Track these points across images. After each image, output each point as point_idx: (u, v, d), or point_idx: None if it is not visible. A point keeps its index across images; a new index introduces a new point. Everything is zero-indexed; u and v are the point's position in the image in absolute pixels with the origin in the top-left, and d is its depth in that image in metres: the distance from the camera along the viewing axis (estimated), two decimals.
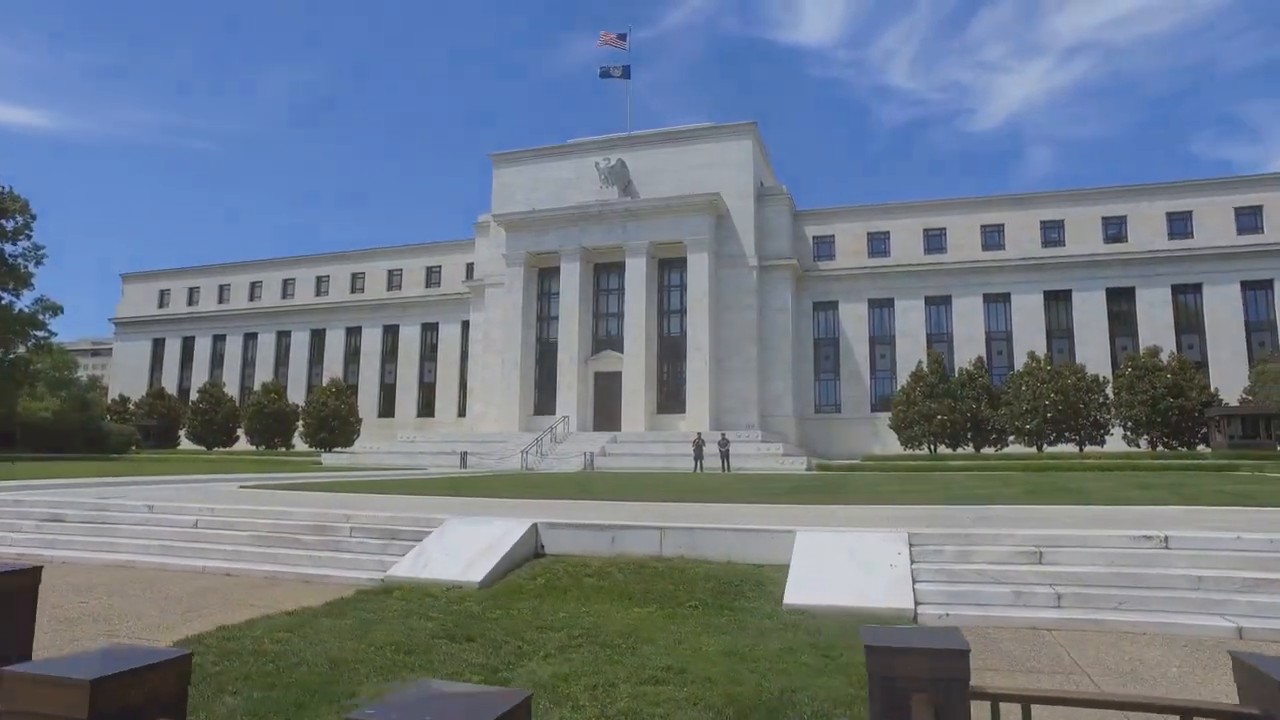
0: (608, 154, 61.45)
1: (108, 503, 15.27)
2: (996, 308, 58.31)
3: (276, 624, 8.19)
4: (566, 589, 10.01)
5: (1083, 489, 19.97)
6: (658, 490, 21.28)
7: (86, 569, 12.12)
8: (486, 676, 6.48)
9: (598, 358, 59.38)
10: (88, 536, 13.77)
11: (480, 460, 48.25)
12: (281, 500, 16.19)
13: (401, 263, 72.86)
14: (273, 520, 13.35)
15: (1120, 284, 55.83)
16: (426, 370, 71.03)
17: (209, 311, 78.38)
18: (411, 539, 12.02)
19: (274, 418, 63.14)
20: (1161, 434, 45.69)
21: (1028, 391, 47.59)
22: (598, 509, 14.62)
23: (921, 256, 59.76)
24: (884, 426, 57.73)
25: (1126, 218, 56.44)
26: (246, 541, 12.63)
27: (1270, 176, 55.79)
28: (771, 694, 6.09)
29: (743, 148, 59.48)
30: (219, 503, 15.10)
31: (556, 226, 59.69)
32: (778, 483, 26.89)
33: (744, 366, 57.12)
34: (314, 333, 74.57)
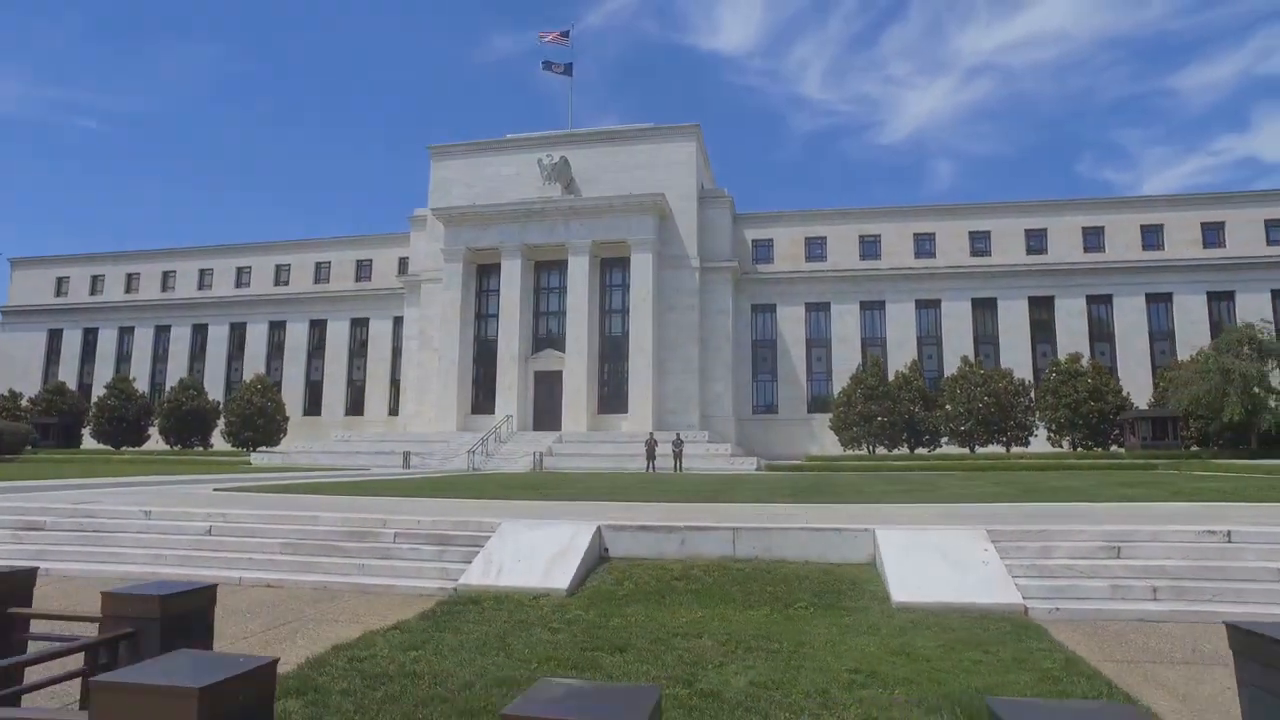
0: (551, 151, 60.78)
1: (91, 508, 14.05)
2: (928, 313, 60.58)
3: (395, 641, 7.64)
4: (660, 593, 9.77)
5: (1074, 488, 20.83)
6: (639, 492, 21.02)
7: (102, 582, 11.08)
8: (684, 688, 6.21)
9: (538, 357, 58.66)
10: (82, 546, 12.63)
11: (423, 461, 46.89)
12: (288, 505, 15.27)
13: (330, 255, 70.14)
14: (300, 526, 12.54)
15: (1041, 293, 58.92)
16: (356, 367, 68.59)
17: (116, 301, 73.47)
18: (467, 544, 11.51)
19: (192, 416, 59.75)
20: (1082, 435, 48.42)
21: (962, 395, 49.63)
22: (631, 510, 14.37)
23: (857, 262, 61.51)
24: (820, 427, 59.24)
25: (1047, 230, 59.62)
26: (278, 550, 11.81)
27: (1168, 197, 60.07)
28: (982, 692, 6.07)
29: (686, 149, 59.87)
30: (221, 507, 14.12)
31: (498, 222, 58.63)
32: (753, 483, 27.09)
33: (685, 367, 57.48)
34: (234, 326, 70.92)
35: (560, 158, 59.90)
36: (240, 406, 58.12)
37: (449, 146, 64.16)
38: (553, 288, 60.18)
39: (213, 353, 70.80)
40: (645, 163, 59.81)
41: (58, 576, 11.32)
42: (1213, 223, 57.42)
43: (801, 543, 11.20)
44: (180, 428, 59.62)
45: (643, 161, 59.92)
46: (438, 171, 63.69)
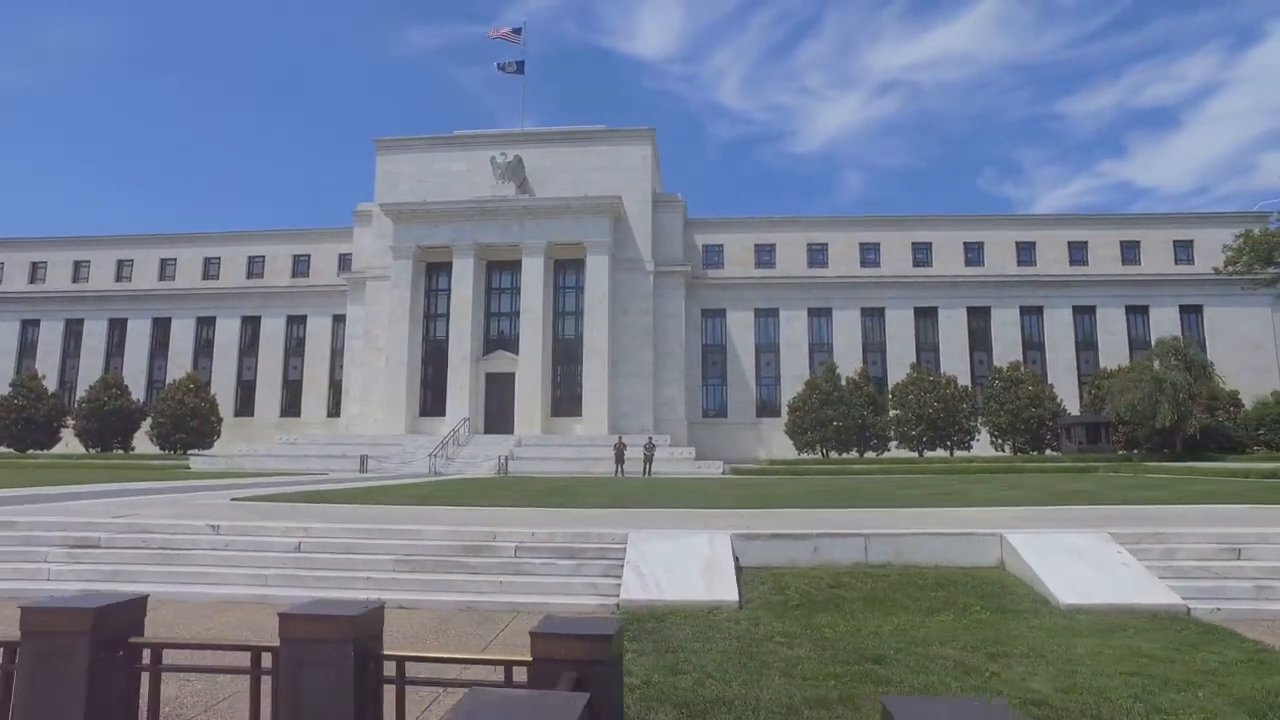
0: (503, 149, 59.83)
1: (143, 522, 12.99)
2: (872, 320, 62.52)
3: (641, 665, 7.37)
4: (831, 602, 9.79)
5: (1087, 491, 21.80)
6: (665, 499, 20.97)
7: (211, 607, 10.31)
8: (1005, 695, 6.27)
9: (490, 358, 57.64)
10: (157, 566, 11.57)
11: (380, 465, 45.39)
12: (360, 517, 14.55)
13: (265, 249, 66.94)
14: (404, 541, 11.90)
15: (979, 303, 61.70)
16: (292, 367, 65.69)
17: (16, 292, 68.03)
18: (597, 556, 11.25)
19: (115, 416, 55.93)
20: (1024, 440, 50.97)
21: (913, 400, 51.47)
22: (703, 518, 14.34)
23: (805, 269, 62.95)
24: (769, 431, 60.35)
25: (983, 244, 62.52)
26: (392, 568, 11.21)
27: (1095, 216, 64.09)
28: (1273, 692, 6.35)
29: (642, 153, 60.02)
30: (300, 521, 13.34)
31: (450, 220, 57.31)
32: (748, 488, 27.33)
33: (639, 371, 57.56)
34: (156, 321, 66.79)
35: (515, 156, 59.06)
36: (171, 407, 54.78)
37: (396, 140, 62.32)
38: (504, 288, 59.26)
39: (132, 349, 66.48)
40: (599, 164, 59.60)
41: (159, 602, 10.42)
42: (1130, 241, 61.45)
43: (933, 548, 11.44)
44: (101, 429, 55.72)
45: (597, 163, 59.70)
46: (384, 165, 61.77)
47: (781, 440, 59.19)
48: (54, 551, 11.90)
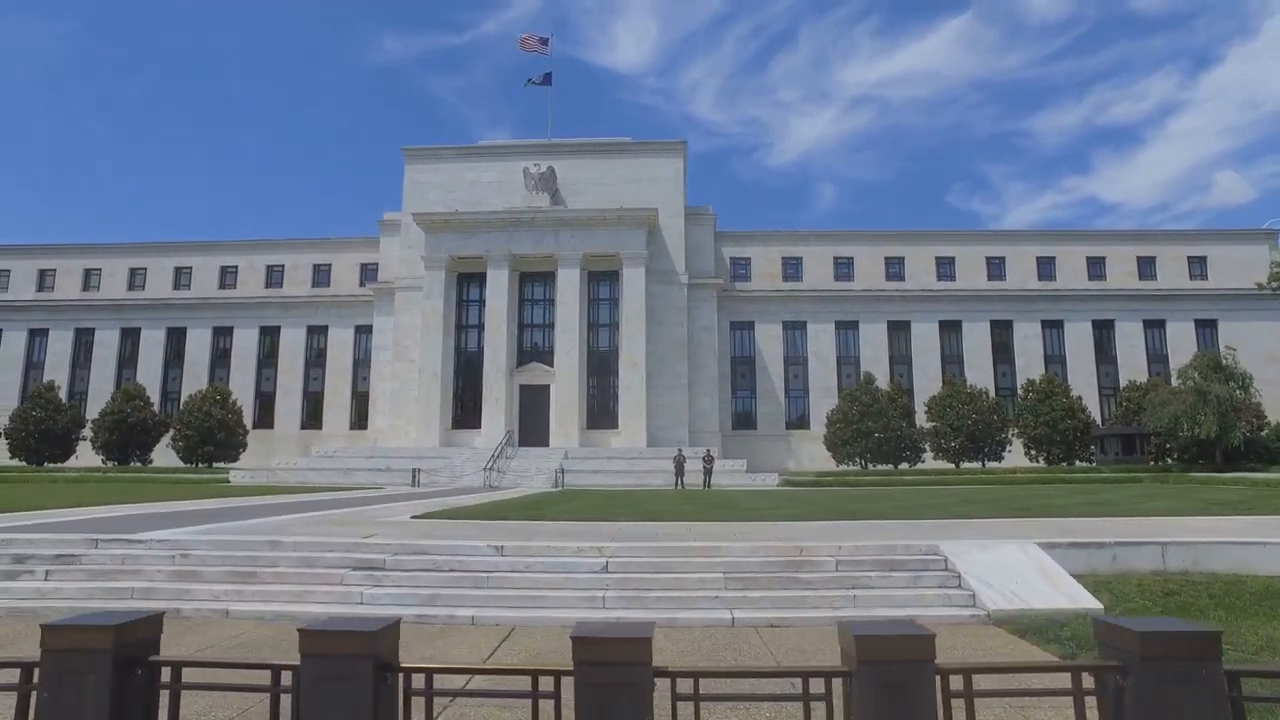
0: (533, 160, 59.71)
1: (421, 543, 12.62)
2: (898, 333, 63.29)
3: None
4: (1181, 608, 9.94)
5: (1227, 501, 22.26)
6: (820, 510, 20.99)
7: (539, 632, 10.10)
8: None
9: (524, 370, 57.26)
10: (484, 590, 11.02)
11: (432, 478, 44.73)
12: (613, 534, 14.40)
13: (283, 258, 65.82)
14: (710, 559, 11.83)
15: (1001, 317, 62.82)
16: (313, 378, 64.54)
17: (25, 300, 65.99)
18: (918, 569, 11.32)
19: (137, 429, 54.42)
20: (1060, 451, 51.89)
21: (951, 412, 52.17)
22: (996, 527, 14.45)
23: (832, 283, 63.60)
24: (798, 443, 60.78)
25: (1005, 258, 63.73)
26: (723, 584, 11.08)
27: (1113, 232, 65.80)
28: None
29: (674, 166, 60.30)
30: (577, 540, 13.18)
31: (484, 230, 56.95)
32: (878, 500, 27.45)
33: (674, 383, 57.59)
34: (171, 331, 65.21)
35: (548, 167, 58.95)
36: (197, 419, 53.45)
37: (425, 150, 61.87)
38: (537, 299, 58.99)
39: (146, 360, 64.77)
40: (631, 177, 59.77)
41: (489, 624, 10.15)
42: (1146, 256, 63.13)
43: (1233, 556, 11.68)
44: (123, 442, 54.17)
45: (628, 175, 59.85)
46: (412, 175, 61.23)
47: (812, 452, 59.67)
48: (350, 574, 11.56)
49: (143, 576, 11.46)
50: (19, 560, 12.01)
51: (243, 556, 11.98)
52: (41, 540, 12.80)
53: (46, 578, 11.54)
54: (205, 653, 8.35)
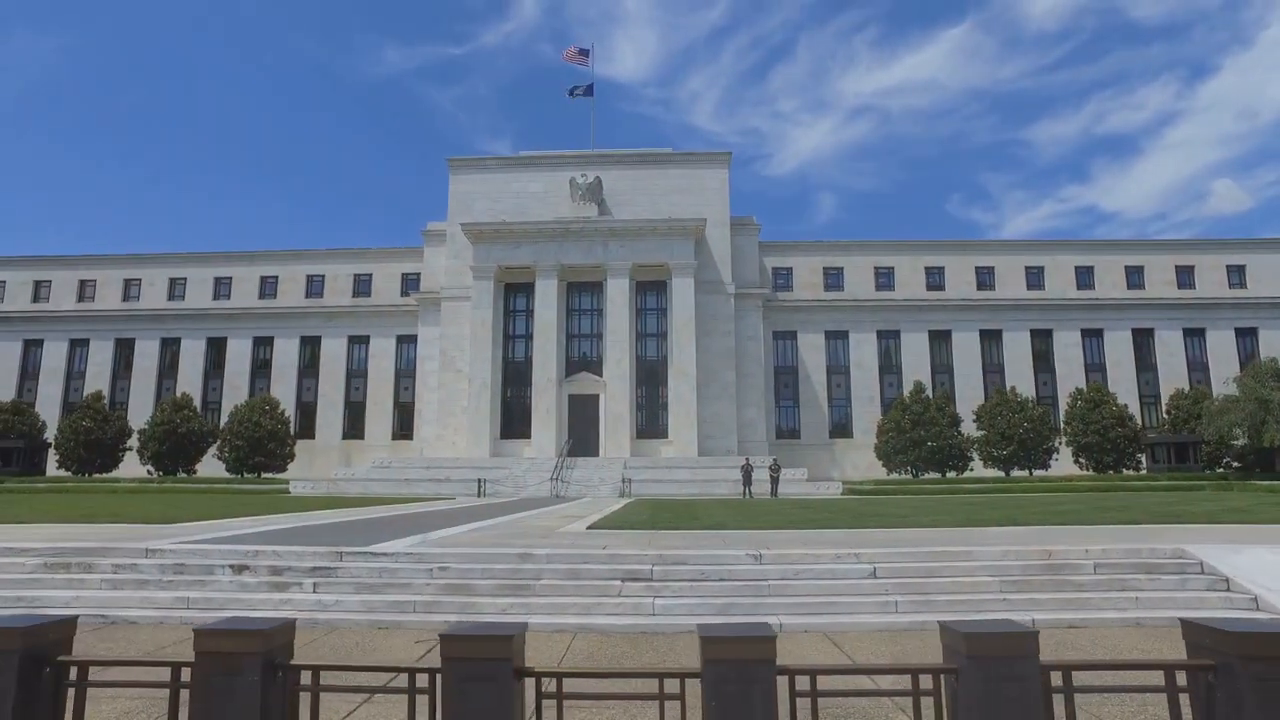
0: (580, 170, 59.93)
1: (680, 553, 12.66)
2: (939, 342, 63.59)
3: None
4: None
5: (1226, 510, 22.55)
6: (945, 517, 21.08)
7: (868, 636, 10.22)
8: None
9: (572, 380, 57.29)
10: (789, 598, 11.24)
11: (495, 488, 44.68)
12: (822, 541, 14.47)
13: (324, 268, 65.78)
14: (966, 563, 11.99)
15: (1041, 326, 63.21)
16: (354, 388, 64.40)
17: (64, 311, 65.72)
18: (1176, 572, 11.48)
19: (187, 439, 54.19)
20: (1112, 459, 52.16)
21: (1002, 421, 52.41)
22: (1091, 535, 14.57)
23: (873, 292, 63.91)
24: (842, 452, 60.98)
25: (1044, 268, 64.18)
26: (998, 588, 11.24)
27: (1150, 241, 66.27)
28: None
29: (719, 176, 60.58)
30: (828, 548, 13.25)
31: (533, 240, 57.07)
32: (982, 507, 27.51)
33: (722, 393, 57.72)
34: (211, 341, 65.02)
35: (595, 177, 59.17)
36: (247, 429, 53.26)
37: (472, 160, 62.03)
38: (584, 309, 59.07)
39: (186, 370, 64.58)
40: (676, 187, 60.04)
41: (797, 630, 10.25)
42: (1185, 265, 63.68)
43: None
44: (172, 452, 53.92)
45: (673, 185, 60.13)
46: (457, 185, 61.33)
47: (855, 460, 59.91)
48: (626, 585, 11.57)
49: (413, 590, 11.49)
50: (276, 572, 12.03)
51: (504, 569, 12.02)
52: (267, 553, 12.77)
53: (314, 589, 11.56)
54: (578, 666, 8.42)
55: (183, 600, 11.26)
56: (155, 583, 11.83)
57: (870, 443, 59.96)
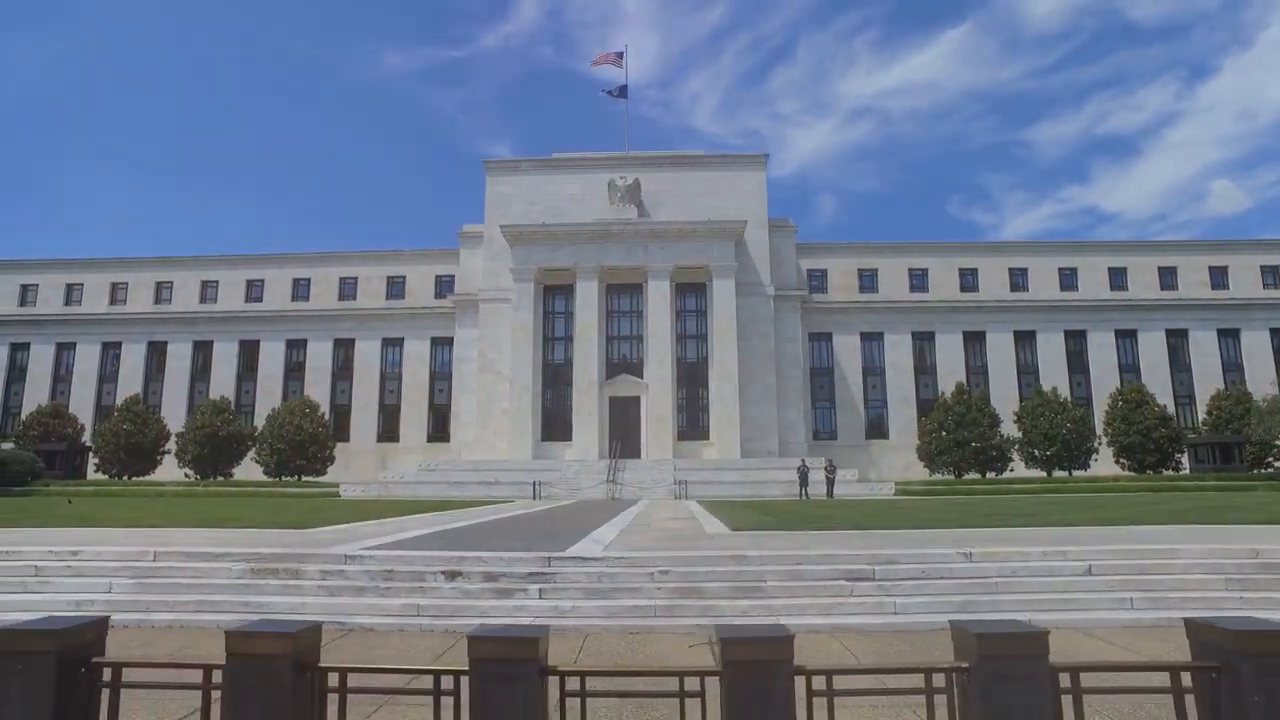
0: (618, 172, 59.92)
1: (886, 553, 12.63)
2: (973, 344, 63.73)
3: None
4: None
5: None
6: (1056, 518, 21.07)
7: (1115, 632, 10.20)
8: None
9: (613, 382, 57.21)
10: (1002, 596, 11.28)
11: (550, 490, 44.56)
12: (996, 539, 14.46)
13: (357, 270, 65.58)
14: (1168, 560, 12.01)
15: (1075, 327, 63.41)
16: (388, 390, 64.19)
17: (98, 314, 65.33)
18: None
19: (227, 441, 53.89)
20: (1154, 460, 52.33)
21: (1044, 421, 52.53)
22: None
23: (907, 294, 64.02)
24: (879, 453, 61.08)
25: (1077, 269, 64.40)
26: (1223, 586, 11.24)
27: (1184, 242, 66.63)
28: None
29: (757, 178, 60.63)
30: (1034, 545, 13.23)
31: (572, 242, 57.01)
32: (1067, 506, 27.51)
33: (763, 395, 57.74)
34: (244, 344, 64.72)
35: (634, 179, 59.17)
36: (289, 432, 52.99)
37: (508, 162, 61.99)
38: (623, 311, 59.01)
39: (219, 372, 64.27)
40: (714, 189, 60.07)
41: (1048, 626, 10.22)
42: (1219, 266, 63.96)
43: None
44: (214, 456, 53.62)
45: (710, 188, 60.16)
46: (494, 187, 61.25)
47: (892, 461, 60.03)
48: (857, 585, 11.57)
49: (643, 594, 11.43)
50: (491, 578, 11.94)
51: (724, 572, 11.97)
52: (471, 559, 12.66)
53: (540, 595, 11.48)
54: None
55: (412, 608, 11.16)
56: (373, 590, 11.73)
57: (906, 444, 60.21)
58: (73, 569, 12.76)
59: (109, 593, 12.08)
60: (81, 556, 13.14)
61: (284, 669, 4.22)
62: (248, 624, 4.57)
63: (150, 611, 11.34)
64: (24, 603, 11.86)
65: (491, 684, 4.04)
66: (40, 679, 4.17)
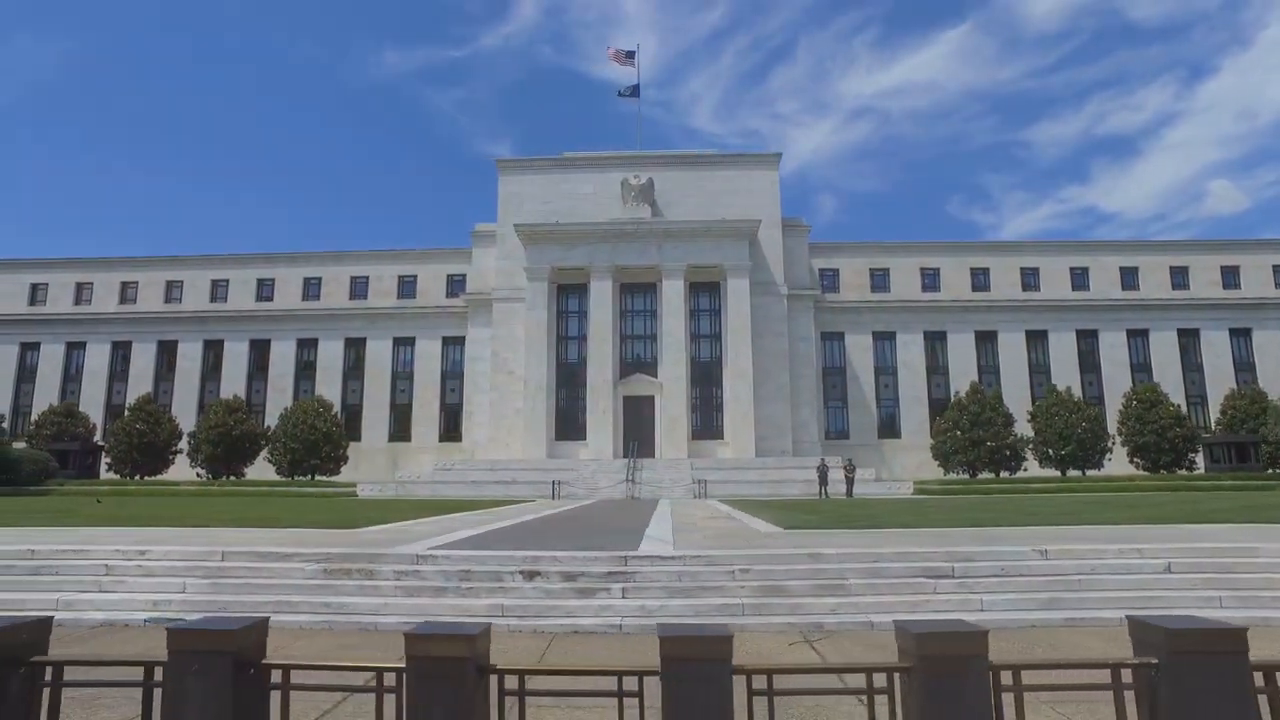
0: (634, 171, 59.85)
1: (966, 550, 12.58)
2: (984, 343, 63.75)
3: None
4: None
5: None
6: (1114, 515, 21.07)
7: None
8: None
9: (627, 382, 57.14)
10: (1088, 593, 11.27)
11: (570, 489, 44.48)
12: (1078, 537, 14.42)
13: (368, 269, 65.43)
14: (1247, 559, 11.99)
15: (1086, 326, 63.47)
16: (399, 390, 64.05)
17: (107, 313, 65.08)
18: None
19: (242, 441, 53.73)
20: (1169, 459, 52.39)
21: (1059, 421, 52.57)
22: None
23: (919, 294, 64.03)
24: (891, 452, 61.08)
25: (1088, 269, 64.46)
26: None
27: (1186, 242, 66.74)
28: None
29: (769, 177, 60.60)
30: (1114, 543, 13.19)
31: (586, 242, 56.92)
32: (1100, 504, 27.51)
33: (777, 394, 57.71)
34: (254, 343, 64.53)
35: (647, 179, 59.10)
36: (303, 431, 52.82)
37: (521, 161, 61.88)
38: (637, 310, 58.95)
39: (229, 372, 64.08)
40: (727, 188, 60.03)
41: None
42: (1230, 266, 64.06)
43: None
44: (227, 455, 53.45)
45: (724, 187, 60.12)
46: (506, 186, 61.16)
47: (904, 460, 60.02)
48: (939, 584, 11.55)
49: (727, 592, 11.38)
50: (569, 578, 11.86)
51: (803, 570, 11.92)
52: (545, 558, 12.56)
53: (624, 595, 11.42)
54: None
55: (497, 608, 11.09)
56: (453, 590, 11.66)
57: (918, 443, 60.27)
58: (143, 569, 12.66)
59: (183, 593, 12.00)
60: (149, 556, 13.04)
61: (467, 671, 4.12)
62: (420, 626, 4.47)
63: (229, 612, 11.24)
64: (102, 602, 11.81)
65: (682, 683, 3.92)
66: (217, 679, 4.15)
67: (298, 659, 4.70)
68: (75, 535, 15.98)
